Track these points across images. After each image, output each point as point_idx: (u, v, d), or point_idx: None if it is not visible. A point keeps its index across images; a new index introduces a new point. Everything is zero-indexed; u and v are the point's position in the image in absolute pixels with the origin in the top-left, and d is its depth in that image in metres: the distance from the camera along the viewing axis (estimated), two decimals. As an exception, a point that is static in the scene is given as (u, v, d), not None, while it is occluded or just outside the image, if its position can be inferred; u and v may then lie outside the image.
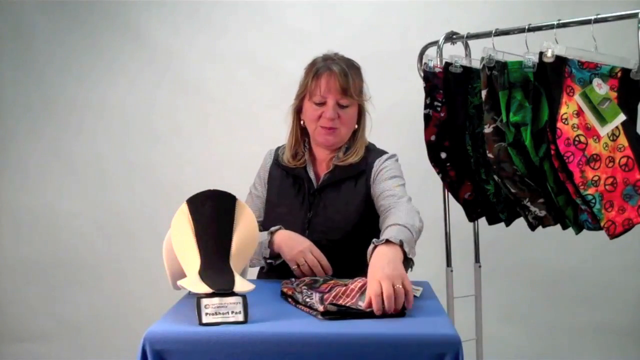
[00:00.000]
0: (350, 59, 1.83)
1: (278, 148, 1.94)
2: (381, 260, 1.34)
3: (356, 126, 1.84)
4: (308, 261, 1.64)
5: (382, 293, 1.25)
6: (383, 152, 1.88)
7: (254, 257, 1.73)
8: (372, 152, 1.86)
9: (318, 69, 1.77)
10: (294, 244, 1.67)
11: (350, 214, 1.76)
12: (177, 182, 2.95)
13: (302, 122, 1.86)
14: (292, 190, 1.83)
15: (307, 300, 1.35)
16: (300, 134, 1.88)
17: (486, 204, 2.11)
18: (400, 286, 1.27)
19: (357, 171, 1.80)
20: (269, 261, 1.72)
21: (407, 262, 1.42)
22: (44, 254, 3.10)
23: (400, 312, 1.27)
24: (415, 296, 1.46)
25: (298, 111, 1.86)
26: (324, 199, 1.79)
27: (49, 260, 3.10)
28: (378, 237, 1.48)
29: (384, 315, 1.26)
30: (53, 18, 3.04)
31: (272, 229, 1.73)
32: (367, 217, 1.77)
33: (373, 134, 1.89)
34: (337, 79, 1.74)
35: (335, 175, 1.80)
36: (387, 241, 1.39)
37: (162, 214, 1.76)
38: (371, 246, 1.41)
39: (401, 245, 1.39)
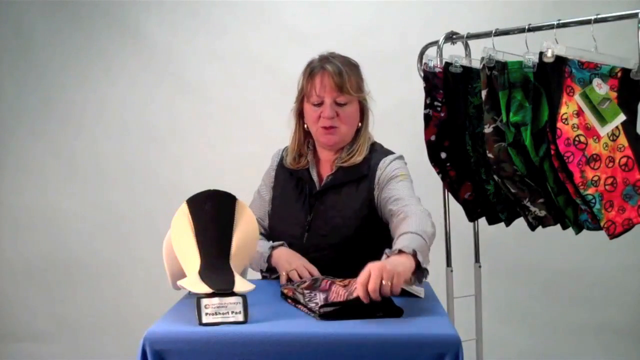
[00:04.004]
0: (346, 57, 1.80)
1: (285, 149, 1.92)
2: (387, 260, 1.31)
3: (360, 124, 1.81)
4: (297, 268, 1.64)
5: (367, 283, 1.21)
6: (389, 153, 1.82)
7: (254, 264, 1.74)
8: (376, 153, 1.80)
9: (312, 69, 1.76)
10: (284, 264, 1.68)
11: (349, 217, 1.72)
12: (177, 182, 2.95)
13: (305, 126, 1.83)
14: (295, 192, 1.82)
15: (310, 304, 1.34)
16: (304, 137, 1.85)
17: (486, 204, 2.11)
18: (389, 283, 1.21)
19: (360, 174, 1.76)
20: (264, 274, 1.75)
21: (422, 272, 1.37)
22: (44, 254, 3.10)
23: (398, 312, 1.26)
24: (419, 297, 1.45)
25: (299, 114, 1.84)
26: (325, 201, 1.77)
27: (49, 260, 3.09)
28: (380, 242, 1.47)
29: (383, 315, 1.25)
30: (53, 18, 3.04)
31: (274, 244, 1.74)
32: (369, 221, 1.72)
33: (373, 134, 1.88)
34: (330, 77, 1.71)
35: (337, 177, 1.78)
36: (400, 251, 1.33)
37: (161, 214, 1.76)
38: (383, 257, 1.34)
39: (414, 254, 1.33)
